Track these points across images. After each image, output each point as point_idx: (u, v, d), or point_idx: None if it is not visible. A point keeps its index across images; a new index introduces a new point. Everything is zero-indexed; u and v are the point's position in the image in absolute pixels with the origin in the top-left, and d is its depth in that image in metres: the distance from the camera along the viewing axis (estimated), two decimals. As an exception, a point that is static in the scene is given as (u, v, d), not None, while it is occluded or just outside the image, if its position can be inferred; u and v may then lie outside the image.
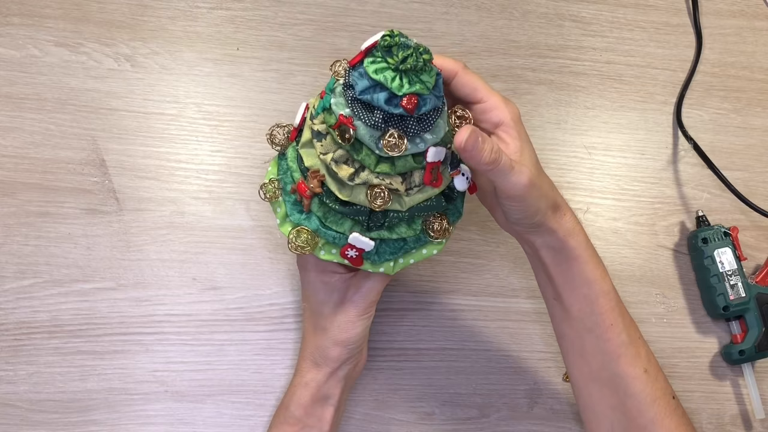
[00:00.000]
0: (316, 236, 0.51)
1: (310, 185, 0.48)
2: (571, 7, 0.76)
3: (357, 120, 0.45)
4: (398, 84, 0.43)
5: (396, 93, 0.44)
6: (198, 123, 0.67)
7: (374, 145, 0.46)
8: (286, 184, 0.51)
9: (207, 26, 0.69)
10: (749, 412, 0.68)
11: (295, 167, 0.50)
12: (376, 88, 0.44)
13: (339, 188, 0.48)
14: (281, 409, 0.57)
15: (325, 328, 0.55)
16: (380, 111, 0.45)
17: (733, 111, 0.76)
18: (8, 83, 0.65)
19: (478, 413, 0.64)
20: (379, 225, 0.50)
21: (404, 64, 0.43)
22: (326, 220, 0.50)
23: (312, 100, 0.50)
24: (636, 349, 0.54)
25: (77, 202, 0.63)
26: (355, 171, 0.47)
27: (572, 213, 0.53)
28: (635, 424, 0.53)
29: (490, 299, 0.67)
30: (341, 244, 0.51)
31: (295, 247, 0.50)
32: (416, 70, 0.44)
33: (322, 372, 0.55)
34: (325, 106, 0.47)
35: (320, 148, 0.47)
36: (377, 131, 0.45)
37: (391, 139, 0.45)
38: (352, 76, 0.45)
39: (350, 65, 0.46)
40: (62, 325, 0.61)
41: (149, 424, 0.60)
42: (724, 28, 0.78)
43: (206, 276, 0.64)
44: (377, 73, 0.44)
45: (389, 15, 0.72)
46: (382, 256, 0.52)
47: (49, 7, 0.67)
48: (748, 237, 0.72)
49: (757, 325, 0.67)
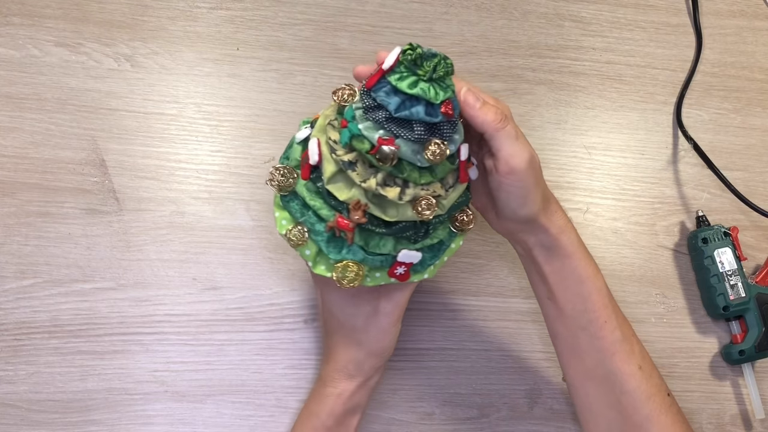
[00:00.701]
0: (362, 266, 0.49)
1: (354, 217, 0.47)
2: (571, 7, 0.76)
3: (398, 138, 0.45)
4: (434, 93, 0.44)
5: (433, 102, 0.44)
6: (198, 123, 0.67)
7: (416, 159, 0.46)
8: (313, 225, 0.49)
9: (207, 26, 0.69)
10: (749, 412, 0.68)
11: (320, 205, 0.48)
12: (409, 102, 0.44)
13: (384, 211, 0.47)
14: (311, 417, 0.56)
15: (359, 341, 0.55)
16: (420, 123, 0.45)
17: (733, 111, 0.76)
18: (8, 83, 0.65)
19: (478, 413, 0.64)
20: (423, 234, 0.50)
21: (436, 72, 0.44)
22: (369, 247, 0.49)
23: (318, 135, 0.49)
24: (630, 346, 0.54)
25: (77, 202, 0.63)
26: (401, 189, 0.46)
27: (563, 211, 0.54)
28: (631, 422, 0.53)
29: (489, 299, 0.67)
30: (387, 266, 0.50)
31: (347, 282, 0.49)
32: (445, 76, 0.44)
33: (354, 382, 0.55)
34: (354, 133, 0.45)
35: (357, 177, 0.46)
36: (418, 144, 0.45)
37: (435, 148, 0.45)
38: (378, 96, 0.45)
39: (367, 87, 0.45)
40: (62, 325, 0.61)
41: (149, 424, 0.60)
42: (724, 28, 0.78)
43: (206, 276, 0.64)
44: (412, 87, 0.43)
45: (389, 15, 0.72)
46: (425, 263, 0.52)
47: (49, 7, 0.67)
48: (748, 237, 0.72)
49: (757, 325, 0.67)
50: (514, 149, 0.48)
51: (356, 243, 0.49)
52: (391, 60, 0.44)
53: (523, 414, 0.65)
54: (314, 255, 0.50)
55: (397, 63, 0.44)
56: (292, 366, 0.63)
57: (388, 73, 0.44)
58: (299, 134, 0.51)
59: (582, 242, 0.54)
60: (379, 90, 0.45)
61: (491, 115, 0.47)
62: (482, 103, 0.47)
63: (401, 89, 0.44)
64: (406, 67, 0.44)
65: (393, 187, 0.46)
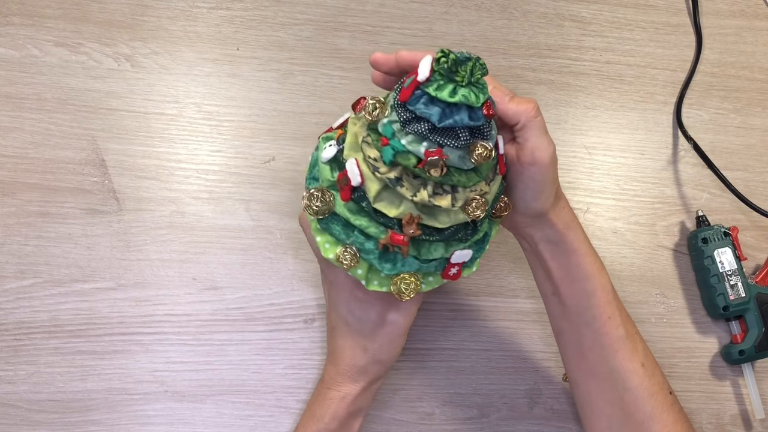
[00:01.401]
0: (418, 275, 0.50)
1: (409, 231, 0.47)
2: (571, 7, 0.76)
3: (445, 147, 0.44)
4: (475, 97, 0.43)
5: (475, 106, 0.43)
6: (198, 123, 0.67)
7: (463, 163, 0.45)
8: (362, 244, 0.49)
9: (207, 26, 0.69)
10: (749, 412, 0.68)
11: (366, 224, 0.48)
12: (450, 110, 0.43)
13: (436, 219, 0.47)
14: (314, 420, 0.56)
15: (365, 348, 0.55)
16: (464, 129, 0.44)
17: (733, 111, 0.76)
18: (8, 83, 0.65)
19: (478, 413, 0.64)
20: (472, 232, 0.50)
21: (473, 76, 0.43)
22: (421, 255, 0.49)
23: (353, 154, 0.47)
24: (633, 344, 0.54)
25: (77, 202, 0.63)
26: (452, 196, 0.46)
27: (570, 208, 0.54)
28: (633, 419, 0.53)
29: (490, 299, 0.67)
30: (441, 269, 0.51)
31: (408, 294, 0.50)
32: (482, 77, 0.44)
33: (358, 386, 0.55)
34: (399, 149, 0.44)
35: (407, 192, 0.45)
36: (463, 150, 0.45)
37: (482, 150, 0.45)
38: (417, 109, 0.44)
39: (402, 101, 0.44)
40: (62, 325, 0.61)
41: (149, 424, 0.60)
42: (724, 28, 0.78)
43: (206, 276, 0.64)
44: (452, 95, 0.43)
45: (389, 15, 0.72)
46: (474, 257, 0.52)
47: (49, 7, 0.67)
48: (748, 237, 0.72)
49: (757, 325, 0.67)
50: (541, 141, 0.48)
51: (409, 254, 0.49)
52: (426, 71, 0.43)
53: (523, 414, 0.65)
54: (366, 273, 0.50)
55: (432, 73, 0.43)
56: (292, 366, 0.63)
57: (425, 84, 0.43)
58: (325, 153, 0.49)
59: (587, 239, 0.54)
60: (417, 102, 0.44)
61: (526, 105, 0.48)
62: (511, 96, 0.48)
63: (442, 99, 0.43)
64: (441, 75, 0.43)
65: (444, 195, 0.46)
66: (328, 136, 0.52)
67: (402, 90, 0.44)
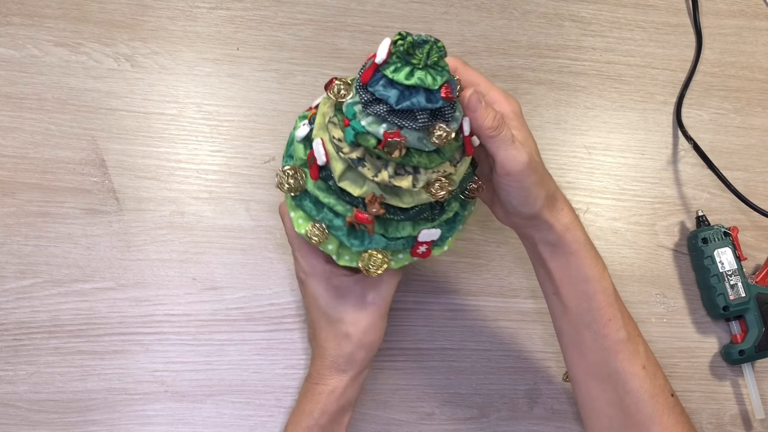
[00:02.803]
0: (386, 252, 0.51)
1: (372, 210, 0.48)
2: (571, 7, 0.76)
3: (403, 129, 0.45)
4: (432, 80, 0.43)
5: (432, 89, 0.44)
6: (198, 123, 0.67)
7: (423, 145, 0.46)
8: (331, 221, 0.50)
9: (207, 26, 0.69)
10: (749, 412, 0.68)
11: (334, 202, 0.49)
12: (408, 92, 0.44)
13: (400, 199, 0.48)
14: (304, 417, 0.55)
15: (348, 334, 0.55)
16: (423, 111, 0.45)
17: (733, 111, 0.76)
18: (8, 83, 0.65)
19: (478, 413, 0.65)
20: (439, 212, 0.51)
21: (430, 59, 0.43)
22: (389, 233, 0.50)
23: (320, 134, 0.49)
24: (634, 346, 0.54)
25: (77, 202, 0.63)
26: (413, 176, 0.47)
27: (570, 209, 0.54)
28: (633, 421, 0.53)
29: (490, 299, 0.67)
30: (409, 247, 0.52)
31: (375, 270, 0.51)
32: (439, 60, 0.44)
33: (346, 377, 0.55)
34: (359, 131, 0.45)
35: (369, 172, 0.46)
36: (422, 131, 0.45)
37: (441, 132, 0.45)
38: (376, 90, 0.44)
39: (363, 82, 0.45)
40: (62, 325, 0.61)
41: (149, 424, 0.60)
42: (724, 28, 0.78)
43: (206, 276, 0.64)
44: (408, 77, 0.43)
45: (389, 15, 0.72)
46: (444, 237, 0.53)
47: (49, 7, 0.67)
48: (748, 237, 0.72)
49: (757, 325, 0.67)
50: (509, 153, 0.48)
51: (376, 232, 0.50)
52: (383, 53, 0.43)
53: (523, 414, 0.65)
54: (336, 249, 0.51)
55: (389, 55, 0.43)
56: (292, 366, 0.63)
57: (383, 67, 0.44)
58: (299, 132, 0.51)
59: (589, 240, 0.54)
60: (376, 84, 0.44)
61: (488, 121, 0.47)
62: (484, 107, 0.47)
63: (398, 81, 0.43)
64: (398, 57, 0.43)
65: (405, 176, 0.47)
66: (303, 114, 0.53)
67: (363, 71, 0.45)
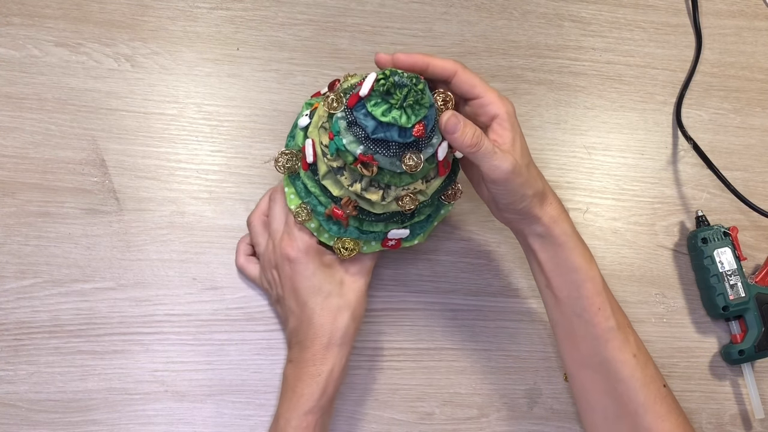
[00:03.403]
0: (358, 241, 0.57)
1: (346, 211, 0.54)
2: (570, 7, 0.76)
3: (376, 155, 0.50)
4: (406, 119, 0.48)
5: (406, 127, 0.48)
6: (198, 123, 0.67)
7: (396, 167, 0.51)
8: (315, 206, 0.56)
9: (207, 26, 0.69)
10: (749, 412, 0.68)
11: (319, 193, 0.55)
12: (383, 126, 0.48)
13: (371, 207, 0.54)
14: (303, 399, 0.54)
15: (342, 306, 0.57)
16: (395, 143, 0.49)
17: (732, 111, 0.76)
18: (8, 83, 0.65)
19: (478, 413, 0.65)
20: (410, 217, 0.57)
21: (406, 101, 0.48)
22: (363, 226, 0.56)
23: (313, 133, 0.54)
24: (624, 335, 0.55)
25: (77, 202, 0.63)
26: (383, 191, 0.52)
27: (559, 203, 0.56)
28: (626, 410, 0.54)
29: (490, 299, 0.67)
30: (380, 239, 0.58)
31: (347, 253, 0.57)
32: (415, 104, 0.48)
33: (344, 353, 0.56)
34: (340, 148, 0.50)
35: (345, 181, 0.52)
36: (395, 157, 0.50)
37: (410, 161, 0.50)
38: (357, 117, 0.49)
39: (349, 106, 0.49)
40: (62, 325, 0.61)
41: (149, 424, 0.60)
42: (723, 28, 0.78)
43: (206, 276, 0.64)
44: (385, 115, 0.48)
45: (389, 15, 0.72)
46: (415, 233, 0.59)
47: (49, 7, 0.67)
48: (748, 237, 0.72)
49: (757, 325, 0.67)
50: (491, 164, 0.51)
51: (351, 225, 0.56)
52: (366, 88, 0.48)
53: (523, 414, 0.65)
54: (317, 227, 0.57)
55: (371, 91, 0.48)
56: (292, 366, 0.63)
57: (365, 99, 0.48)
58: (301, 121, 0.57)
59: (576, 232, 0.56)
60: (359, 111, 0.49)
61: (466, 140, 0.50)
62: (462, 127, 0.50)
63: (374, 115, 0.48)
64: (379, 95, 0.48)
65: (377, 190, 0.52)
66: (310, 102, 0.58)
67: (351, 95, 0.49)
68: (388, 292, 0.65)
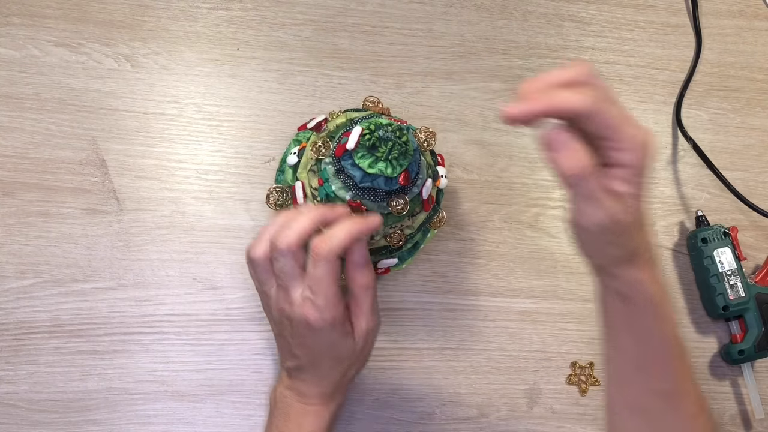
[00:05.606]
0: None
1: None
2: (570, 7, 0.76)
3: (364, 200, 0.52)
4: (391, 170, 0.51)
5: (392, 177, 0.51)
6: (198, 123, 0.67)
7: (383, 209, 0.53)
8: None
9: (207, 26, 0.69)
10: (749, 412, 0.68)
11: None
12: (372, 175, 0.51)
13: None
14: None
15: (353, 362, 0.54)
16: (382, 190, 0.52)
17: (732, 111, 0.76)
18: (8, 83, 0.65)
19: (478, 413, 0.65)
20: (398, 248, 0.59)
21: (391, 154, 0.51)
22: None
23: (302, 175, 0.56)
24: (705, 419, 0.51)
25: (77, 202, 0.63)
26: None
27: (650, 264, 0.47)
28: None
29: (489, 299, 0.67)
30: None
31: None
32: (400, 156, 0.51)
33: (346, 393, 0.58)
34: (329, 194, 0.53)
35: None
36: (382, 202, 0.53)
37: (397, 206, 0.53)
38: (345, 166, 0.51)
39: (336, 156, 0.52)
40: (62, 325, 0.61)
41: (149, 423, 0.60)
42: (723, 28, 0.78)
43: (206, 276, 0.64)
44: (371, 167, 0.51)
45: (389, 15, 0.72)
46: (403, 259, 0.62)
47: (49, 7, 0.67)
48: (748, 237, 0.72)
49: (757, 325, 0.67)
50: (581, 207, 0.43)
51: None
52: (352, 142, 0.51)
53: (523, 414, 0.65)
54: None
55: (357, 144, 0.51)
56: (292, 366, 0.63)
57: (352, 151, 0.51)
58: (290, 159, 0.59)
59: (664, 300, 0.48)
60: (346, 162, 0.51)
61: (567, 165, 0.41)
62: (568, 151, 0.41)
63: (361, 167, 0.51)
64: (365, 148, 0.51)
65: None
66: (297, 139, 0.61)
67: (338, 146, 0.52)
68: (388, 292, 0.65)
